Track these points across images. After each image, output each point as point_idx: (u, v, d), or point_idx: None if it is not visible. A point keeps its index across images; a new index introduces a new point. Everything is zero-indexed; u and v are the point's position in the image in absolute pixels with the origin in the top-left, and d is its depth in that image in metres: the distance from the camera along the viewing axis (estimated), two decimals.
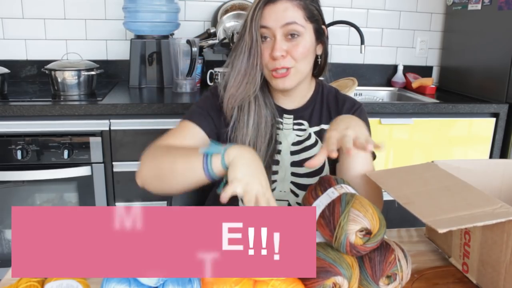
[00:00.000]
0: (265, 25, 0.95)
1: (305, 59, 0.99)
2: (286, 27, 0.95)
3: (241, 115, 1.01)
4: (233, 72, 0.99)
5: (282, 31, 0.95)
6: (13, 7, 2.06)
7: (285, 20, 0.94)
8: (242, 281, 0.66)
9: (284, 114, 1.07)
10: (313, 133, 1.05)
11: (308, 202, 0.79)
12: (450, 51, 2.41)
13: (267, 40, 0.97)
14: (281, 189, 1.05)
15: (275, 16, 0.94)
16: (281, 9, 0.95)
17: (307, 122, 1.07)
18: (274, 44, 0.95)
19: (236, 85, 0.98)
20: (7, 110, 1.58)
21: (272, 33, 0.96)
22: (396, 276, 0.70)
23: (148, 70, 2.00)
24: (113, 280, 0.65)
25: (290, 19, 0.95)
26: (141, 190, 1.77)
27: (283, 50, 0.95)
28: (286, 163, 1.04)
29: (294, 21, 0.95)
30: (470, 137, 1.97)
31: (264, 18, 0.95)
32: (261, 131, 1.01)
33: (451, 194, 0.76)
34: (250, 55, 0.96)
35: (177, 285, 0.65)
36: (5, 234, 1.75)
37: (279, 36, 0.95)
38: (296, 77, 1.00)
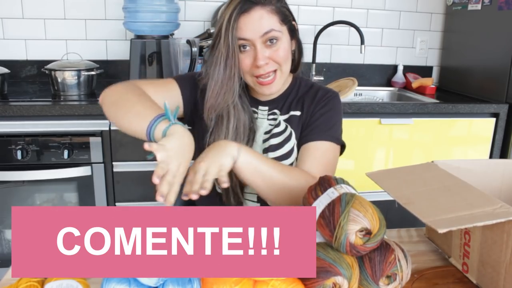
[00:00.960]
0: (244, 37, 0.96)
1: (287, 60, 1.02)
2: (265, 36, 0.97)
3: (220, 121, 1.03)
4: (210, 83, 1.00)
5: (261, 40, 0.97)
6: (13, 7, 2.06)
7: (263, 29, 0.96)
8: (242, 281, 0.66)
9: (260, 105, 1.10)
10: (282, 121, 1.08)
11: (308, 202, 0.79)
12: (450, 51, 2.41)
13: (246, 49, 0.98)
14: None
15: (252, 26, 0.96)
16: (257, 18, 0.96)
17: (279, 112, 1.09)
18: (256, 53, 0.97)
19: (215, 95, 1.00)
20: (7, 110, 1.58)
21: (251, 43, 0.97)
22: (396, 276, 0.70)
23: (148, 70, 2.00)
24: (113, 280, 0.65)
25: (268, 27, 0.96)
26: (141, 190, 1.77)
27: (265, 58, 0.98)
28: (258, 151, 1.06)
29: (272, 28, 0.97)
30: (470, 137, 1.97)
31: (241, 30, 0.96)
32: (240, 135, 1.04)
33: (451, 194, 0.76)
34: (226, 66, 0.98)
35: (177, 285, 0.65)
36: (5, 234, 1.75)
37: (259, 45, 0.97)
38: (281, 79, 1.03)
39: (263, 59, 0.97)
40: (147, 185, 1.70)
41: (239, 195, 1.07)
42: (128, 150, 1.67)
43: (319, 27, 2.27)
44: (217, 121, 1.03)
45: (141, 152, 1.68)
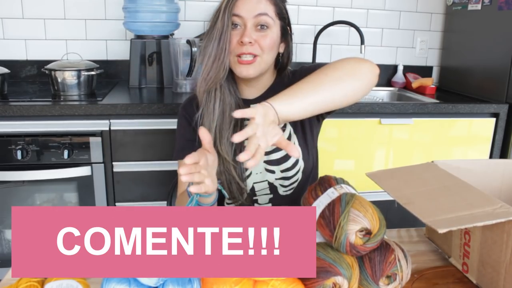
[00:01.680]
0: (238, 14, 1.00)
1: (271, 51, 1.04)
2: (258, 18, 1.00)
3: (208, 101, 1.05)
4: (205, 58, 1.02)
5: (253, 21, 1.00)
6: (13, 7, 2.06)
7: (257, 10, 1.00)
8: (242, 281, 0.66)
9: (251, 104, 1.11)
10: None
11: (308, 202, 0.79)
12: (450, 51, 2.41)
13: (237, 28, 1.01)
14: (257, 171, 1.10)
15: (248, 6, 1.00)
16: (255, 0, 1.00)
17: None
18: (244, 31, 1.00)
19: (207, 69, 1.02)
20: (7, 110, 1.58)
21: (243, 22, 1.00)
22: (396, 276, 0.70)
23: (148, 70, 2.00)
24: (113, 280, 0.65)
25: (263, 10, 1.00)
26: (141, 190, 1.77)
27: (252, 38, 1.00)
28: None
29: (266, 12, 1.00)
30: (470, 137, 1.97)
31: (237, 7, 0.99)
32: (226, 118, 1.06)
33: (451, 194, 0.76)
34: (220, 40, 1.00)
35: (177, 285, 0.65)
36: (5, 234, 1.75)
37: (250, 25, 1.00)
38: (260, 67, 1.04)
39: (249, 37, 0.99)
40: (147, 185, 1.71)
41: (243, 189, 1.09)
42: (128, 150, 1.67)
43: (319, 27, 2.27)
44: (206, 101, 1.06)
45: (141, 152, 1.69)
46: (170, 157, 1.71)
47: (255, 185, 1.10)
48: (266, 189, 1.11)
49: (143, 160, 1.69)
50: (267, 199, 1.12)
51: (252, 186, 1.10)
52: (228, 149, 1.05)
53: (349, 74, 0.89)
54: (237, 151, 1.06)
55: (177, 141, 1.13)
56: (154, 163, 1.70)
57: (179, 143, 1.12)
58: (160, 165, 1.70)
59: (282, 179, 1.10)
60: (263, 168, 1.10)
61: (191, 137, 1.09)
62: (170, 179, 1.41)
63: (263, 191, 1.11)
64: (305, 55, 2.35)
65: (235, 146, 1.06)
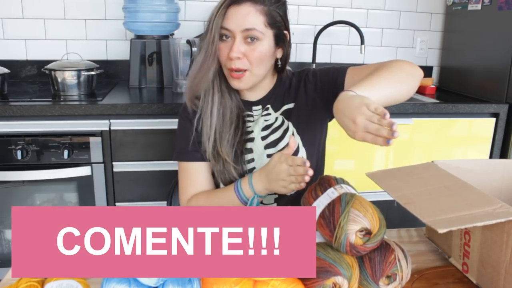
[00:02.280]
0: (226, 27, 1.00)
1: (261, 63, 1.04)
2: (246, 32, 1.00)
3: (205, 106, 1.07)
4: (194, 65, 1.05)
5: (241, 35, 1.00)
6: (13, 7, 2.06)
7: (245, 25, 0.99)
8: (242, 281, 0.66)
9: (253, 106, 1.13)
10: (279, 115, 1.11)
11: (308, 202, 0.79)
12: (450, 51, 2.41)
13: (227, 39, 1.01)
14: None
15: (236, 18, 0.99)
16: (244, 12, 0.99)
17: (271, 107, 1.12)
18: (233, 45, 1.00)
19: (193, 76, 1.05)
20: (7, 110, 1.58)
21: (232, 34, 1.00)
22: (396, 276, 0.70)
23: (148, 70, 2.00)
24: (113, 280, 0.65)
25: (250, 25, 0.99)
26: (141, 190, 1.77)
27: (240, 52, 1.00)
28: (260, 148, 1.10)
29: (254, 27, 0.99)
30: (470, 137, 1.97)
31: (226, 19, 0.99)
32: (226, 120, 1.07)
33: (451, 194, 0.76)
34: (207, 50, 1.01)
35: (177, 285, 0.65)
36: (5, 234, 1.75)
37: (238, 38, 1.00)
38: (251, 80, 1.05)
39: (236, 52, 0.99)
40: (147, 185, 1.71)
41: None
42: (128, 150, 1.67)
43: (319, 27, 2.27)
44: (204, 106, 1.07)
45: (141, 152, 1.68)
46: (170, 157, 1.70)
47: None
48: None
49: (143, 160, 1.69)
50: (272, 199, 1.12)
51: None
52: (229, 150, 1.06)
53: (410, 75, 0.98)
54: (237, 152, 1.07)
55: (178, 141, 1.13)
56: (154, 163, 1.70)
57: (180, 143, 1.12)
58: (160, 165, 1.70)
59: None
60: None
61: (193, 138, 1.09)
62: (170, 179, 1.41)
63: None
64: (305, 55, 2.35)
65: (236, 147, 1.07)
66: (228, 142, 1.06)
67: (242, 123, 1.09)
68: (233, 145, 1.06)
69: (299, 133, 1.11)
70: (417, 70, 1.01)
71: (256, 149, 1.09)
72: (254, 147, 1.09)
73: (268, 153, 1.09)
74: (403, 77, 0.96)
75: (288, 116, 1.11)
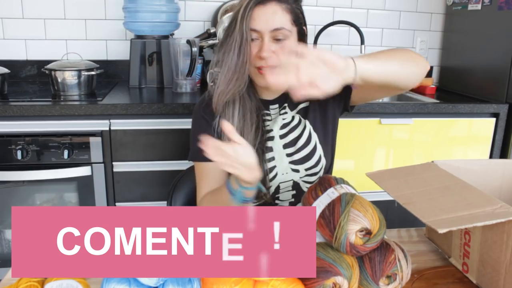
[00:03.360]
0: (255, 28, 0.99)
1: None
2: (275, 32, 1.00)
3: (227, 108, 1.06)
4: (223, 69, 1.03)
5: (270, 35, 1.00)
6: (13, 7, 2.06)
7: (274, 25, 0.99)
8: (242, 281, 0.66)
9: (270, 105, 1.13)
10: (295, 114, 1.12)
11: (308, 202, 0.79)
12: (450, 51, 2.41)
13: (254, 40, 1.01)
14: (283, 172, 1.10)
15: (265, 19, 0.99)
16: (271, 12, 0.99)
17: (288, 106, 1.13)
18: (262, 45, 1.00)
19: (227, 81, 1.03)
20: (7, 110, 1.58)
21: (260, 35, 1.00)
22: (396, 276, 0.70)
23: (148, 70, 2.00)
24: (113, 280, 0.65)
25: (279, 24, 1.00)
26: (141, 190, 1.77)
27: (270, 51, 1.00)
28: (279, 147, 1.10)
29: (283, 26, 1.00)
30: (470, 137, 1.97)
31: (254, 20, 0.99)
32: (247, 121, 1.06)
33: (451, 194, 0.76)
34: (240, 53, 1.00)
35: (177, 285, 0.65)
36: (5, 234, 1.74)
37: (267, 38, 1.00)
38: None
39: (268, 52, 0.99)
40: (147, 185, 1.71)
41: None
42: (128, 150, 1.67)
43: (319, 27, 2.27)
44: (224, 108, 1.06)
45: (141, 152, 1.68)
46: (170, 157, 1.71)
47: (281, 184, 1.11)
48: (289, 186, 1.12)
49: (143, 160, 1.69)
50: (290, 195, 1.12)
51: (278, 185, 1.10)
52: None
53: (414, 60, 0.98)
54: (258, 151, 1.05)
55: (193, 141, 1.10)
56: (154, 163, 1.70)
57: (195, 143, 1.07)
58: (160, 165, 1.70)
59: (306, 176, 1.11)
60: (289, 168, 1.10)
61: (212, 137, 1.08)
62: (170, 179, 1.41)
63: (287, 188, 1.12)
64: None
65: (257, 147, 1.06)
66: (249, 141, 1.04)
67: (262, 123, 1.09)
68: (254, 145, 1.05)
69: (315, 131, 1.11)
70: (423, 60, 1.01)
71: (276, 147, 1.10)
72: (274, 146, 1.10)
73: (287, 152, 1.10)
74: (409, 61, 0.96)
75: (304, 115, 1.12)
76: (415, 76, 0.98)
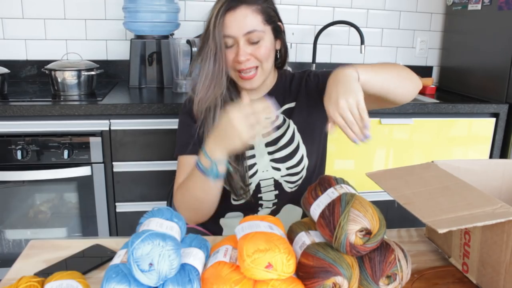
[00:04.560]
0: (228, 34, 1.01)
1: (269, 58, 1.06)
2: (248, 35, 1.01)
3: (208, 113, 1.07)
4: (201, 77, 1.04)
5: (244, 38, 1.01)
6: (13, 7, 2.06)
7: (246, 28, 1.00)
8: (242, 281, 0.66)
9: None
10: (280, 114, 1.13)
11: (308, 202, 0.79)
12: (450, 51, 2.41)
13: (230, 47, 1.02)
14: (263, 169, 1.11)
15: (236, 24, 1.00)
16: (241, 16, 1.00)
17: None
18: (238, 49, 1.01)
19: (205, 89, 1.04)
20: (7, 110, 1.58)
21: (235, 40, 1.01)
22: (396, 276, 0.70)
23: (148, 70, 2.00)
24: (113, 280, 0.65)
25: (251, 27, 1.01)
26: (141, 190, 1.78)
27: (247, 54, 1.02)
28: (261, 145, 1.11)
29: (254, 29, 1.01)
30: (470, 137, 1.97)
31: (226, 26, 1.00)
32: None
33: (451, 194, 0.76)
34: (215, 60, 1.02)
35: (177, 285, 0.65)
36: (5, 234, 1.74)
37: (242, 42, 1.01)
38: (262, 76, 1.07)
39: (244, 55, 1.01)
40: (147, 185, 1.71)
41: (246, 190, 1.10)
42: (128, 150, 1.67)
43: (319, 27, 2.27)
44: (206, 113, 1.07)
45: (141, 152, 1.68)
46: (170, 157, 1.70)
47: (261, 181, 1.11)
48: (271, 185, 1.12)
49: (143, 160, 1.69)
50: (272, 195, 1.13)
51: (258, 183, 1.11)
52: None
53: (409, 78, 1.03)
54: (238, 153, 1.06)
55: (179, 137, 1.13)
56: (154, 163, 1.70)
57: (182, 139, 1.12)
58: (160, 165, 1.70)
59: (288, 176, 1.12)
60: (270, 166, 1.11)
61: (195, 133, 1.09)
62: (170, 179, 1.41)
63: (269, 187, 1.12)
64: (305, 55, 2.35)
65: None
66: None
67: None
68: None
69: (299, 131, 1.12)
70: (417, 78, 1.06)
71: (257, 146, 1.11)
72: (255, 144, 1.11)
73: (268, 150, 1.11)
74: (404, 76, 1.02)
75: (289, 115, 1.13)
76: (409, 91, 1.03)
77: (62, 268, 0.79)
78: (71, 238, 1.71)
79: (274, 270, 0.65)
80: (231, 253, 0.72)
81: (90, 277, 0.78)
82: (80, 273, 0.70)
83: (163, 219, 0.71)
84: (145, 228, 0.67)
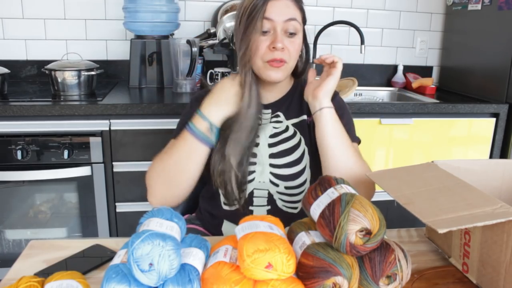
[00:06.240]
0: (268, 17, 0.98)
1: (296, 56, 1.04)
2: (288, 23, 0.99)
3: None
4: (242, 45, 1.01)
5: (282, 26, 0.99)
6: (13, 7, 2.06)
7: (287, 15, 0.99)
8: (242, 281, 0.66)
9: (263, 109, 1.09)
10: (291, 125, 1.09)
11: (308, 202, 0.79)
12: (450, 51, 2.41)
13: (266, 34, 1.00)
14: (260, 180, 1.06)
15: (279, 10, 0.99)
16: (284, 5, 1.00)
17: (283, 115, 1.10)
18: (276, 36, 0.99)
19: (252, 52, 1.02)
20: (7, 110, 1.58)
21: (273, 26, 0.99)
22: (396, 276, 0.70)
23: (148, 70, 2.00)
24: (113, 280, 0.65)
25: (292, 15, 1.00)
26: (141, 190, 1.77)
27: (283, 43, 0.99)
28: (264, 155, 1.06)
29: (295, 17, 1.00)
30: (470, 137, 1.97)
31: (268, 11, 0.98)
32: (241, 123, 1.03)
33: (451, 194, 0.76)
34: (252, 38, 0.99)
35: (177, 285, 0.65)
36: (5, 234, 1.75)
37: (280, 30, 0.99)
38: (287, 72, 1.04)
39: (281, 43, 0.98)
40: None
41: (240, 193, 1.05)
42: (128, 150, 1.67)
43: (319, 27, 2.27)
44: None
45: (141, 152, 1.68)
46: None
47: (255, 191, 1.06)
48: (264, 198, 1.06)
49: (143, 160, 1.69)
50: (264, 210, 1.06)
51: (252, 192, 1.06)
52: (236, 152, 1.00)
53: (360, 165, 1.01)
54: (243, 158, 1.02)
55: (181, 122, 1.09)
56: None
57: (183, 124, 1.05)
58: None
59: (283, 195, 1.06)
60: (268, 179, 1.05)
61: None
62: None
63: (262, 200, 1.06)
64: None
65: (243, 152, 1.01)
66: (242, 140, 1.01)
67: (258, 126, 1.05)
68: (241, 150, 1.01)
69: (309, 154, 1.07)
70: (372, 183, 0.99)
71: (260, 155, 1.06)
72: (259, 153, 1.05)
73: (271, 162, 1.05)
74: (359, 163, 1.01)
75: (301, 129, 1.08)
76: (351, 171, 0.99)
77: (62, 268, 0.79)
78: (71, 238, 1.71)
79: (274, 270, 0.65)
80: (231, 253, 0.72)
81: (90, 277, 0.78)
82: (80, 273, 0.70)
83: (163, 219, 0.70)
84: (145, 228, 0.67)
